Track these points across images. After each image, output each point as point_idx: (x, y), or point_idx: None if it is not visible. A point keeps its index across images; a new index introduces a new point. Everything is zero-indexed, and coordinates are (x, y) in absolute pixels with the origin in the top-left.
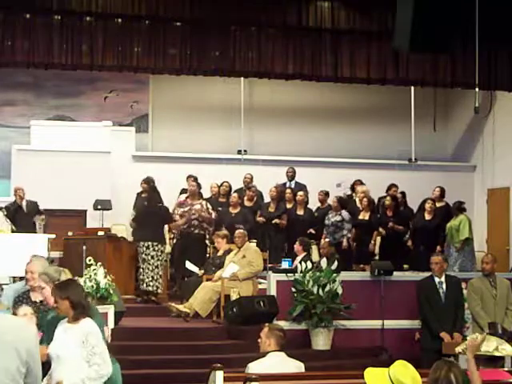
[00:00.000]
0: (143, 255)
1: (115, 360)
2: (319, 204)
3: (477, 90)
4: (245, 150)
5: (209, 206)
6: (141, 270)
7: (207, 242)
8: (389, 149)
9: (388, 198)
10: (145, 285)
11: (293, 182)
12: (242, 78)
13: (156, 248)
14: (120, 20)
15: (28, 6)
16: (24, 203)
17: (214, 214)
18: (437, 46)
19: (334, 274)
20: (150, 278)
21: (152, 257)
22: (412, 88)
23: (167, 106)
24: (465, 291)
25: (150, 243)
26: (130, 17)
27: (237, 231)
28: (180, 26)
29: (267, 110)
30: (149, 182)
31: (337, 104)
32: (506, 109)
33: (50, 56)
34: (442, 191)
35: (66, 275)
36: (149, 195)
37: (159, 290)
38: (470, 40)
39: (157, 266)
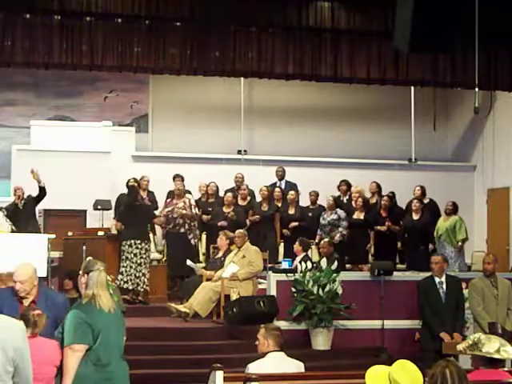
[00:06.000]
0: (126, 253)
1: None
2: (309, 204)
3: (477, 90)
4: (245, 150)
5: (192, 202)
6: (122, 268)
7: (191, 239)
8: (389, 149)
9: (385, 197)
10: (123, 283)
11: (283, 182)
12: (242, 78)
13: (139, 246)
14: (120, 20)
15: (28, 6)
16: (22, 202)
17: (196, 210)
18: (437, 45)
19: (334, 274)
20: (132, 276)
21: (135, 254)
22: (412, 88)
23: (167, 105)
24: (465, 291)
25: (132, 241)
26: (130, 17)
27: (237, 231)
28: (180, 25)
29: (267, 110)
30: (128, 183)
31: (337, 104)
32: (506, 109)
33: (50, 56)
34: (423, 189)
35: (100, 272)
36: (128, 195)
37: (139, 288)
38: (470, 40)
39: (140, 264)
